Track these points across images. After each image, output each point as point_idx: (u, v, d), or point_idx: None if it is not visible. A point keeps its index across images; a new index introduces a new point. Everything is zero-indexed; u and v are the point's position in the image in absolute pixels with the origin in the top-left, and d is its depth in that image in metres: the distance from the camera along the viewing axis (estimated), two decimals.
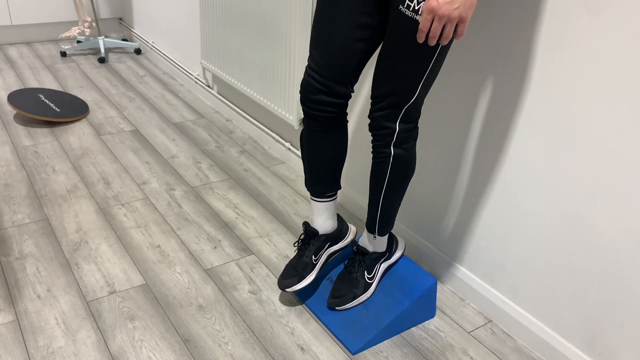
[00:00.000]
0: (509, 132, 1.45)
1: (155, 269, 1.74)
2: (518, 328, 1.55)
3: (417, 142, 1.73)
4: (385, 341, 1.53)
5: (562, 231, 1.39)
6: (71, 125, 2.68)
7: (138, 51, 3.79)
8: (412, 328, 1.58)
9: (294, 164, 2.41)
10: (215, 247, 1.86)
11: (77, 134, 2.60)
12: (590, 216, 1.32)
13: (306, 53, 2.11)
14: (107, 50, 3.83)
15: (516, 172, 1.46)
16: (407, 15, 1.18)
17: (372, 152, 1.43)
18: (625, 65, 1.17)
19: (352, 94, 1.38)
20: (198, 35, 3.01)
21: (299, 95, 1.39)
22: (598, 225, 1.30)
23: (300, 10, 2.04)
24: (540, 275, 1.47)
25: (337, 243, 1.63)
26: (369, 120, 1.40)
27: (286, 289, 1.53)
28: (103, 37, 3.69)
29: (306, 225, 1.58)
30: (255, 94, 2.46)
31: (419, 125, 1.69)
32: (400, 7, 1.19)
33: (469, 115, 1.54)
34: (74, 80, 3.26)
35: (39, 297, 1.60)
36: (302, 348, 1.49)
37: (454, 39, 1.36)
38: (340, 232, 1.63)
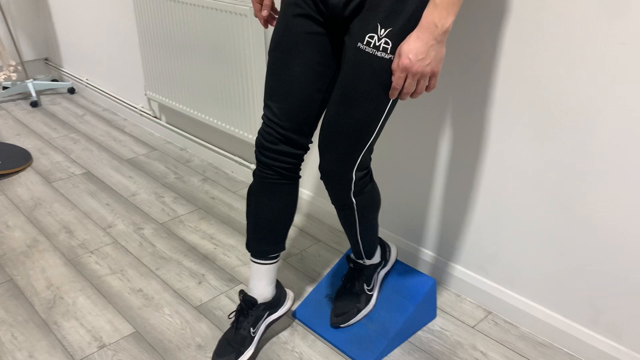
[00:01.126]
0: (488, 126, 1.48)
1: (143, 314, 1.65)
2: (519, 315, 1.57)
3: (395, 146, 1.74)
4: (395, 350, 1.51)
5: (553, 214, 1.42)
6: (16, 176, 2.52)
7: (72, 90, 3.62)
8: (418, 332, 1.57)
9: None
10: (200, 282, 1.79)
11: (25, 184, 2.44)
12: (579, 196, 1.36)
13: (264, 73, 2.08)
14: (38, 92, 3.64)
15: (499, 164, 1.49)
16: (367, 53, 1.13)
17: (331, 203, 1.39)
18: (606, 52, 1.22)
19: (310, 144, 1.33)
20: (139, 66, 2.91)
21: (255, 143, 1.32)
22: (590, 205, 1.34)
23: (252, 30, 2.00)
24: (535, 260, 1.50)
25: (276, 312, 1.49)
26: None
27: None
28: (32, 80, 3.50)
29: (243, 294, 1.44)
30: (212, 120, 2.40)
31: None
32: (359, 44, 1.13)
33: (445, 115, 1.56)
34: (8, 128, 3.06)
35: None
36: None
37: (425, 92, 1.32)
38: (279, 299, 1.50)
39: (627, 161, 1.25)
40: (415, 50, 1.06)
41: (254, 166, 2.38)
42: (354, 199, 1.34)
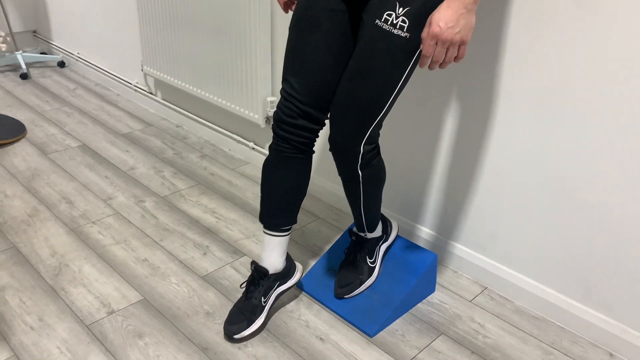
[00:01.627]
0: (491, 105, 1.54)
1: (150, 283, 1.68)
2: (514, 290, 1.65)
3: (393, 125, 1.79)
4: (397, 320, 1.57)
5: (550, 195, 1.50)
6: (10, 147, 2.50)
7: (62, 64, 3.58)
8: (418, 304, 1.64)
9: (259, 163, 2.40)
10: (205, 254, 1.82)
11: (20, 155, 2.43)
12: (576, 177, 1.43)
13: (268, 51, 2.11)
14: (28, 65, 3.59)
15: (501, 144, 1.56)
16: (384, 30, 1.17)
17: (338, 174, 1.44)
18: (603, 31, 1.28)
19: (326, 120, 1.38)
20: (136, 41, 2.89)
21: (274, 117, 1.36)
22: (586, 186, 1.42)
23: (258, 5, 2.03)
24: (531, 238, 1.58)
25: (286, 282, 1.54)
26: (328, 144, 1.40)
27: (234, 336, 1.45)
28: (21, 52, 3.45)
29: (255, 264, 1.50)
30: (212, 97, 2.42)
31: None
32: (377, 21, 1.18)
33: (449, 94, 1.62)
34: None
35: (32, 328, 1.49)
36: (321, 339, 1.50)
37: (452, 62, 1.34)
38: (289, 270, 1.54)
39: (624, 147, 1.32)
40: (445, 18, 1.10)
41: (252, 144, 2.41)
42: (360, 172, 1.39)
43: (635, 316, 1.43)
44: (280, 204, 1.43)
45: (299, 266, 1.59)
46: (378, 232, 1.64)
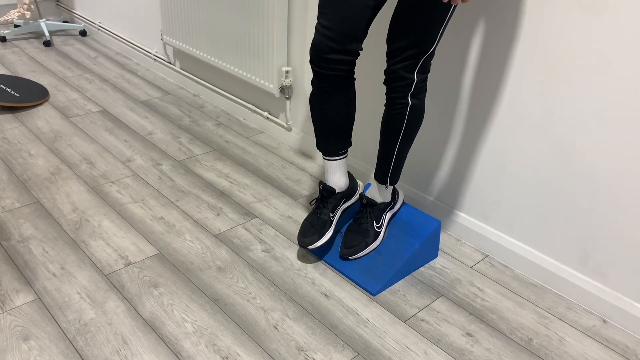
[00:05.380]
0: (501, 76, 1.58)
1: (165, 239, 1.77)
2: (514, 258, 1.71)
3: None
4: (399, 281, 1.64)
5: (553, 164, 1.55)
6: (34, 110, 2.59)
7: (83, 33, 3.66)
8: (421, 268, 1.70)
9: (274, 133, 2.47)
10: (218, 214, 1.90)
11: (44, 117, 2.52)
12: (579, 148, 1.48)
13: (285, 22, 2.16)
14: (50, 33, 3.67)
15: (507, 114, 1.60)
16: None
17: (386, 105, 1.51)
18: (609, 6, 1.32)
19: (360, 51, 1.46)
20: (156, 11, 2.96)
21: (310, 54, 1.44)
22: (588, 155, 1.47)
23: None
24: (533, 207, 1.63)
25: (350, 199, 1.73)
26: (384, 76, 1.48)
27: (308, 247, 1.61)
28: (45, 19, 3.53)
29: (323, 184, 1.65)
30: (229, 66, 2.48)
31: None
32: None
33: (460, 64, 1.67)
34: (23, 65, 3.12)
35: (54, 275, 1.59)
36: (325, 295, 1.57)
37: None
38: (352, 188, 1.73)
39: (627, 116, 1.36)
40: None
41: (266, 114, 2.47)
42: (410, 100, 1.48)
43: (630, 284, 1.48)
44: (332, 132, 1.56)
45: (360, 183, 1.75)
46: (388, 197, 1.71)
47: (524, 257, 1.69)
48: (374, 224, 1.70)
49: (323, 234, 1.62)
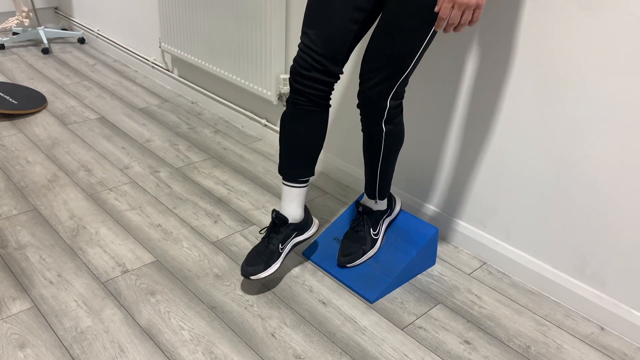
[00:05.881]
0: (499, 84, 1.59)
1: (162, 246, 1.76)
2: (512, 266, 1.71)
3: (405, 102, 1.85)
4: (397, 289, 1.64)
5: (550, 172, 1.55)
6: (32, 117, 2.59)
7: (82, 40, 3.66)
8: (418, 275, 1.70)
9: (271, 140, 2.47)
10: (215, 222, 1.90)
11: (41, 124, 2.52)
12: (576, 156, 1.48)
13: (283, 29, 2.17)
14: (49, 40, 3.68)
15: (504, 123, 1.61)
16: None
17: (362, 130, 1.51)
18: (604, 15, 1.33)
19: (341, 75, 1.45)
20: (154, 19, 2.97)
21: (290, 70, 1.42)
22: (585, 162, 1.47)
23: None
24: (531, 214, 1.63)
25: (303, 234, 1.62)
26: (357, 100, 1.46)
27: (251, 277, 1.51)
28: (43, 27, 3.54)
29: (276, 212, 1.56)
30: (227, 74, 2.49)
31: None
32: None
33: (457, 72, 1.67)
34: (21, 72, 3.12)
35: (51, 282, 1.58)
36: (323, 302, 1.57)
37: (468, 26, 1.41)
38: (306, 222, 1.62)
39: (623, 124, 1.37)
40: None
41: (264, 121, 2.47)
42: (384, 127, 1.47)
43: (628, 291, 1.48)
44: (298, 156, 1.51)
45: (315, 220, 1.68)
46: (384, 205, 1.71)
47: (521, 264, 1.69)
48: (371, 231, 1.70)
49: (269, 265, 1.53)
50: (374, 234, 1.70)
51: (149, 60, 3.13)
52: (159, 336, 1.42)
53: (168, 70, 3.02)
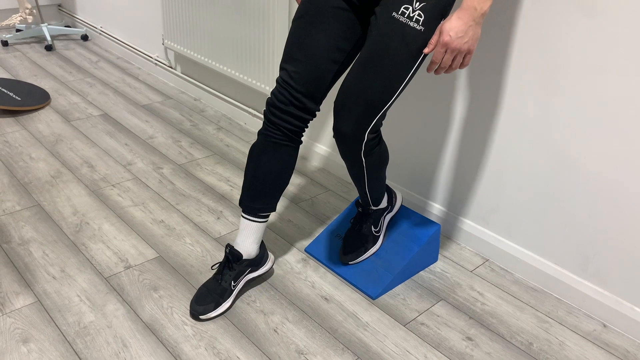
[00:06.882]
0: (500, 82, 1.59)
1: (165, 242, 1.77)
2: (514, 263, 1.71)
3: (404, 104, 1.85)
4: (399, 285, 1.64)
5: (552, 169, 1.55)
6: (35, 114, 2.60)
7: (85, 37, 3.67)
8: (420, 272, 1.70)
9: None
10: (218, 218, 1.91)
11: (45, 121, 2.53)
12: (578, 153, 1.48)
13: (286, 26, 2.17)
14: (52, 37, 3.68)
15: (506, 120, 1.61)
16: (401, 22, 1.22)
17: (342, 159, 1.48)
18: (604, 13, 1.33)
19: (317, 112, 1.42)
20: (157, 16, 2.97)
21: (267, 102, 1.39)
22: (587, 159, 1.47)
23: None
24: (533, 211, 1.63)
25: (257, 269, 1.56)
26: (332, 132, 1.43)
27: (200, 316, 1.45)
28: (46, 24, 3.55)
29: (230, 247, 1.51)
30: (230, 71, 2.49)
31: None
32: (394, 14, 1.22)
33: (459, 71, 1.67)
34: (25, 69, 3.13)
35: (54, 277, 1.59)
36: (325, 299, 1.57)
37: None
38: (261, 259, 1.57)
39: (625, 122, 1.37)
40: (456, 28, 1.17)
41: None
42: (363, 158, 1.43)
43: (630, 288, 1.48)
44: (260, 189, 1.45)
45: (271, 256, 1.61)
46: (383, 204, 1.71)
47: (524, 261, 1.69)
48: (372, 228, 1.70)
49: (220, 304, 1.47)
50: (375, 231, 1.70)
51: (152, 57, 3.13)
52: (162, 331, 1.43)
53: (171, 67, 3.02)
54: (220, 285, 1.50)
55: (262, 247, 1.58)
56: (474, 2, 1.17)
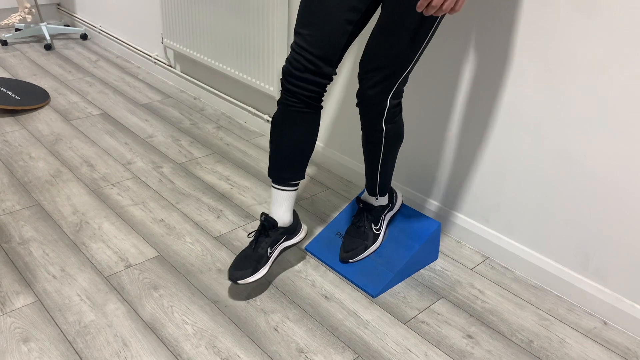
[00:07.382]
0: (500, 78, 1.59)
1: (165, 241, 1.77)
2: (515, 260, 1.71)
3: (404, 103, 1.84)
4: (399, 283, 1.64)
5: (553, 167, 1.55)
6: (35, 113, 2.59)
7: (84, 37, 3.67)
8: (421, 270, 1.70)
9: None
10: (218, 217, 1.90)
11: (44, 120, 2.53)
12: (579, 151, 1.48)
13: (285, 24, 2.17)
14: (51, 37, 3.68)
15: (506, 118, 1.60)
16: None
17: (362, 129, 1.50)
18: (607, 8, 1.32)
19: (334, 76, 1.43)
20: (156, 15, 2.97)
21: (282, 71, 1.40)
22: (587, 157, 1.47)
23: None
24: (534, 209, 1.63)
25: (292, 238, 1.59)
26: (356, 99, 1.45)
27: (238, 281, 1.48)
28: (46, 23, 3.54)
29: (265, 215, 1.54)
30: (230, 69, 2.49)
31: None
32: None
33: (459, 67, 1.67)
34: (24, 68, 3.12)
35: (54, 277, 1.58)
36: (326, 297, 1.57)
37: (447, 14, 1.39)
38: (295, 227, 1.60)
39: (626, 119, 1.37)
40: None
41: (267, 117, 2.47)
42: (384, 126, 1.46)
43: (630, 285, 1.48)
44: (288, 158, 1.48)
45: (304, 226, 1.65)
46: (385, 200, 1.71)
47: (524, 259, 1.68)
48: (373, 226, 1.70)
49: (257, 270, 1.50)
50: (375, 229, 1.70)
51: (151, 56, 3.13)
52: (162, 330, 1.43)
53: (170, 66, 3.02)
54: (257, 252, 1.52)
55: (296, 216, 1.61)
56: None
